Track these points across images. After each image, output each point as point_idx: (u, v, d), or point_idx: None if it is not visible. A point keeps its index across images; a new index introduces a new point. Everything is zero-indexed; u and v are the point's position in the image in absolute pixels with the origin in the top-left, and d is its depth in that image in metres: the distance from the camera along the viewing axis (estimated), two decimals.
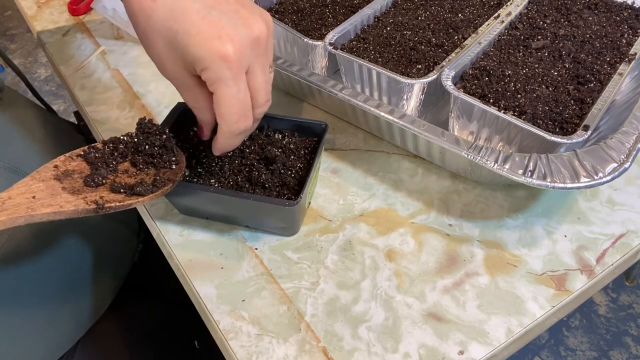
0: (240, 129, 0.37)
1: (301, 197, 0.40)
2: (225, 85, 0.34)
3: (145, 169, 0.40)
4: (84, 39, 0.68)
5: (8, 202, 0.33)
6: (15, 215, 0.32)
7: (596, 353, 1.24)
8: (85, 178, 0.38)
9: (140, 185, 0.38)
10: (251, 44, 0.34)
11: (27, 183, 0.35)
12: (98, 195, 0.36)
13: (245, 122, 0.37)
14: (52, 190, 0.35)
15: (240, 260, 0.43)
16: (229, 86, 0.34)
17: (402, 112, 0.45)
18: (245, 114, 0.36)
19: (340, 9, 0.57)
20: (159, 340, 0.62)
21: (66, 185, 0.36)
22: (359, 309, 0.40)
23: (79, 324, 0.56)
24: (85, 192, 0.36)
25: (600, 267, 0.42)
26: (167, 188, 0.39)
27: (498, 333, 0.38)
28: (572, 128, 0.42)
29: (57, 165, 0.38)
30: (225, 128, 0.37)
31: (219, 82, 0.34)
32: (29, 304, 0.51)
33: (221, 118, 0.36)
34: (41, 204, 0.34)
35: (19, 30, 2.33)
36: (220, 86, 0.34)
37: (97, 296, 0.58)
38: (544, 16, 0.54)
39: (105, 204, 0.36)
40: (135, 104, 0.58)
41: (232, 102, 0.35)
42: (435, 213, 0.46)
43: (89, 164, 0.39)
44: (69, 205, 0.35)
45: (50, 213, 0.34)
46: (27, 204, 0.34)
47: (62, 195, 0.35)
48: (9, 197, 0.34)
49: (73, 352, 0.55)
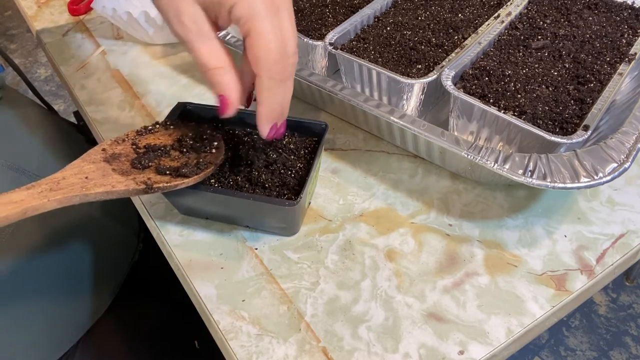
0: (279, 72, 0.33)
1: (301, 197, 0.40)
2: (261, 20, 0.31)
3: (187, 154, 0.42)
4: (84, 39, 0.68)
5: (63, 182, 0.35)
6: (71, 194, 0.34)
7: (596, 353, 1.24)
8: (132, 160, 0.40)
9: (185, 167, 0.39)
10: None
11: (79, 165, 0.37)
12: (146, 176, 0.38)
13: (285, 65, 0.33)
14: (102, 172, 0.37)
15: (240, 260, 0.43)
16: (265, 21, 0.31)
17: (402, 112, 0.45)
18: (284, 53, 0.33)
19: (340, 9, 0.57)
20: (159, 341, 0.62)
21: (115, 167, 0.38)
22: (359, 309, 0.40)
23: (79, 323, 0.56)
24: (134, 173, 0.38)
25: (600, 267, 0.42)
26: (210, 170, 0.40)
27: (498, 333, 0.38)
28: (572, 128, 0.42)
29: (105, 149, 0.40)
30: (266, 73, 0.33)
31: (254, 18, 0.31)
32: (28, 303, 0.52)
33: (259, 62, 0.32)
34: (94, 184, 0.36)
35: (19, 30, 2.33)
36: (256, 22, 0.31)
37: (97, 296, 0.58)
38: (544, 16, 0.54)
39: (154, 184, 0.37)
40: (135, 104, 0.58)
41: (270, 38, 0.31)
42: (435, 213, 0.46)
43: (134, 148, 0.41)
44: (120, 185, 0.36)
45: (103, 192, 0.35)
46: (81, 183, 0.35)
47: (113, 176, 0.37)
48: (63, 177, 0.36)
49: (73, 352, 0.55)
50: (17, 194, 0.33)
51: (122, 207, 0.65)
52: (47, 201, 0.33)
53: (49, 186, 0.34)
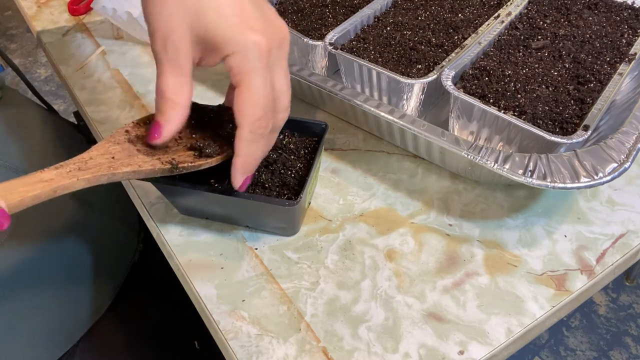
0: (262, 127, 0.34)
1: (301, 197, 0.40)
2: (254, 76, 0.32)
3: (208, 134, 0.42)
4: (84, 39, 0.68)
5: (90, 162, 0.35)
6: (99, 174, 0.34)
7: (596, 353, 1.24)
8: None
9: (208, 147, 0.39)
10: (279, 43, 0.33)
11: (104, 146, 0.37)
12: (170, 156, 0.38)
13: (268, 122, 0.34)
14: (128, 152, 0.37)
15: (240, 260, 0.43)
16: (258, 78, 0.32)
17: (402, 112, 0.45)
18: (269, 111, 0.34)
19: (340, 9, 0.57)
20: (159, 341, 0.62)
21: (140, 148, 0.38)
22: (359, 309, 0.40)
23: (79, 323, 0.56)
24: (158, 154, 0.38)
25: (600, 267, 0.42)
26: (231, 151, 0.39)
27: (498, 333, 0.38)
28: (572, 128, 0.42)
29: (128, 131, 0.39)
30: (248, 126, 0.34)
31: (247, 71, 0.32)
32: (28, 302, 0.52)
33: (243, 115, 0.33)
34: (121, 163, 0.36)
35: (19, 30, 2.33)
36: (248, 76, 0.32)
37: (96, 295, 0.58)
38: (544, 16, 0.54)
39: (179, 164, 0.37)
40: (135, 104, 0.58)
41: (259, 94, 0.32)
42: (435, 213, 0.46)
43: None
44: (146, 165, 0.36)
45: (130, 172, 0.35)
46: (108, 163, 0.35)
47: (139, 157, 0.37)
48: (90, 157, 0.35)
49: (73, 352, 0.55)
50: (46, 174, 0.33)
51: (122, 207, 0.65)
52: (77, 180, 0.33)
53: (77, 165, 0.34)
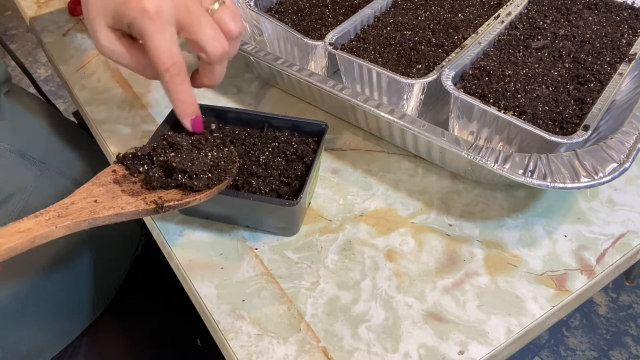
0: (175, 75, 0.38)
1: (301, 197, 0.40)
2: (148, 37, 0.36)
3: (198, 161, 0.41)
4: (84, 39, 0.68)
5: (71, 207, 0.35)
6: (79, 219, 0.34)
7: (596, 353, 1.24)
8: (143, 180, 0.39)
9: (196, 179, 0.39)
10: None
11: (88, 188, 0.37)
12: (157, 195, 0.37)
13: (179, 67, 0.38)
14: (112, 194, 0.37)
15: (240, 260, 0.43)
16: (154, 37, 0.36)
17: (402, 112, 0.45)
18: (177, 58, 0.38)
19: (340, 9, 0.57)
20: (160, 340, 0.62)
21: (125, 188, 0.38)
22: (359, 309, 0.40)
23: (81, 315, 0.57)
24: (144, 193, 0.38)
25: (600, 267, 0.42)
26: (222, 185, 0.40)
27: (498, 333, 0.38)
28: (572, 128, 0.42)
29: (115, 170, 0.39)
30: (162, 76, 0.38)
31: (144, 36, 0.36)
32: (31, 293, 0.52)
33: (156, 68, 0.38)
34: (103, 207, 0.35)
35: (19, 30, 2.33)
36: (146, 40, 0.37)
37: (99, 288, 0.58)
38: (544, 16, 0.54)
39: (165, 203, 0.37)
40: (135, 104, 0.58)
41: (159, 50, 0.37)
42: (435, 213, 0.46)
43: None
44: (129, 207, 0.36)
45: (112, 215, 0.35)
46: (90, 207, 0.35)
47: (123, 198, 0.37)
48: (72, 202, 0.35)
49: (77, 352, 0.56)
50: (24, 223, 0.32)
51: None
52: (55, 228, 0.33)
53: (57, 212, 0.34)
